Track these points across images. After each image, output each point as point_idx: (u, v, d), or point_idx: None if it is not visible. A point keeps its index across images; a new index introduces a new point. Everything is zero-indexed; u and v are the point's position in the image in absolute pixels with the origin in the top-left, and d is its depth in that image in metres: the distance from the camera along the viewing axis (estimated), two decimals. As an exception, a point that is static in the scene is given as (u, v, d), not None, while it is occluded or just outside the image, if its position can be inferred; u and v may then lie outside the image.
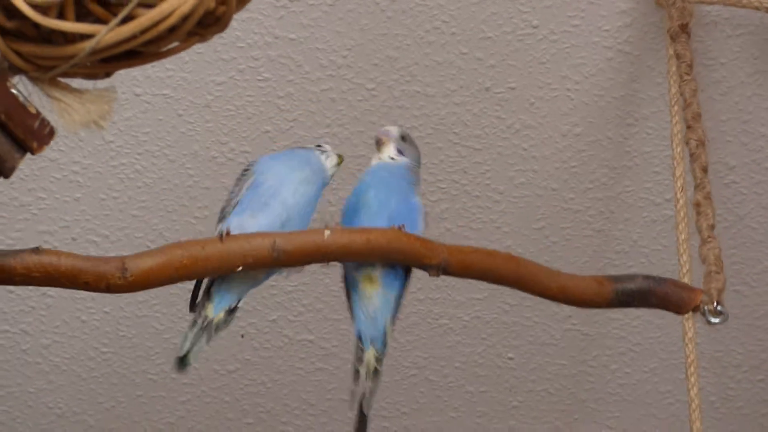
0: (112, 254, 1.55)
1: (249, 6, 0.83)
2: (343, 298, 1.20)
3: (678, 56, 1.34)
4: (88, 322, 1.61)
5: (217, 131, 1.49)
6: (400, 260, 1.12)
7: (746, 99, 1.47)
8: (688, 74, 1.32)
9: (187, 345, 1.14)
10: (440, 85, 1.47)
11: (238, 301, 1.14)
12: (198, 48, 1.44)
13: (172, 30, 0.72)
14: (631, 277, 1.17)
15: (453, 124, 1.49)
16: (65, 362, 1.64)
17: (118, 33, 0.70)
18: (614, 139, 1.50)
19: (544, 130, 1.50)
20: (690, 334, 1.33)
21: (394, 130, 1.22)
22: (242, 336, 1.63)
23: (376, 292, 1.17)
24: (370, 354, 1.18)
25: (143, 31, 0.71)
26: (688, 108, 1.30)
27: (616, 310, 1.61)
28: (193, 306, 1.16)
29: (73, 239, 1.54)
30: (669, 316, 1.59)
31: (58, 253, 1.00)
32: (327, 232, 1.08)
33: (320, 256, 1.09)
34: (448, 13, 1.43)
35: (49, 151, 1.49)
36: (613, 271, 1.58)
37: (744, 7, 1.37)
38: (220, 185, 1.50)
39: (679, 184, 1.33)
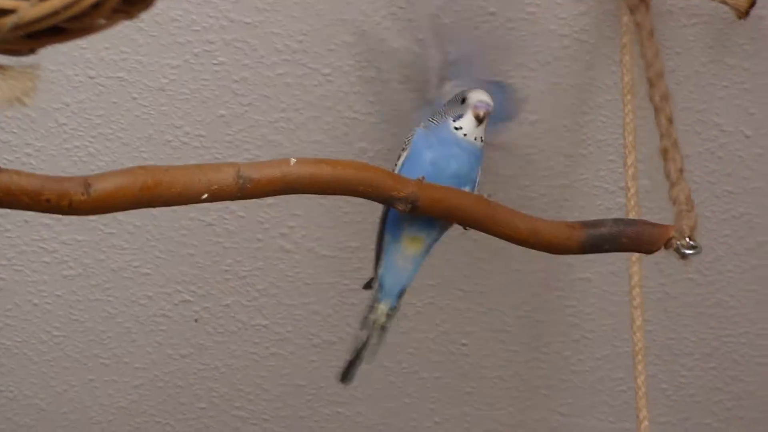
0: (66, 237, 1.55)
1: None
2: (373, 237, 1.21)
3: (638, 24, 1.33)
4: (40, 305, 1.60)
5: (172, 115, 1.48)
6: (368, 193, 1.10)
7: (700, 88, 1.48)
8: (648, 39, 1.32)
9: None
10: (396, 71, 1.46)
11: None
12: (152, 31, 1.44)
13: (96, 6, 0.71)
14: (601, 222, 1.18)
15: (409, 111, 1.49)
16: (17, 345, 1.63)
17: (41, 8, 0.70)
18: (569, 127, 1.51)
19: (499, 118, 1.50)
20: (638, 323, 1.34)
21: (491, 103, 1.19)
22: (196, 320, 1.62)
23: (416, 253, 1.17)
24: (383, 306, 1.19)
25: (66, 7, 0.70)
26: (650, 68, 1.30)
27: (569, 295, 1.61)
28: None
29: (26, 221, 1.53)
30: (621, 303, 1.61)
31: (18, 171, 0.98)
32: (293, 160, 1.07)
33: (287, 185, 1.07)
34: (404, -1, 1.43)
35: (0, 133, 1.49)
36: (569, 258, 1.59)
37: (698, -4, 1.38)
38: (174, 169, 1.49)
39: (630, 173, 1.34)
